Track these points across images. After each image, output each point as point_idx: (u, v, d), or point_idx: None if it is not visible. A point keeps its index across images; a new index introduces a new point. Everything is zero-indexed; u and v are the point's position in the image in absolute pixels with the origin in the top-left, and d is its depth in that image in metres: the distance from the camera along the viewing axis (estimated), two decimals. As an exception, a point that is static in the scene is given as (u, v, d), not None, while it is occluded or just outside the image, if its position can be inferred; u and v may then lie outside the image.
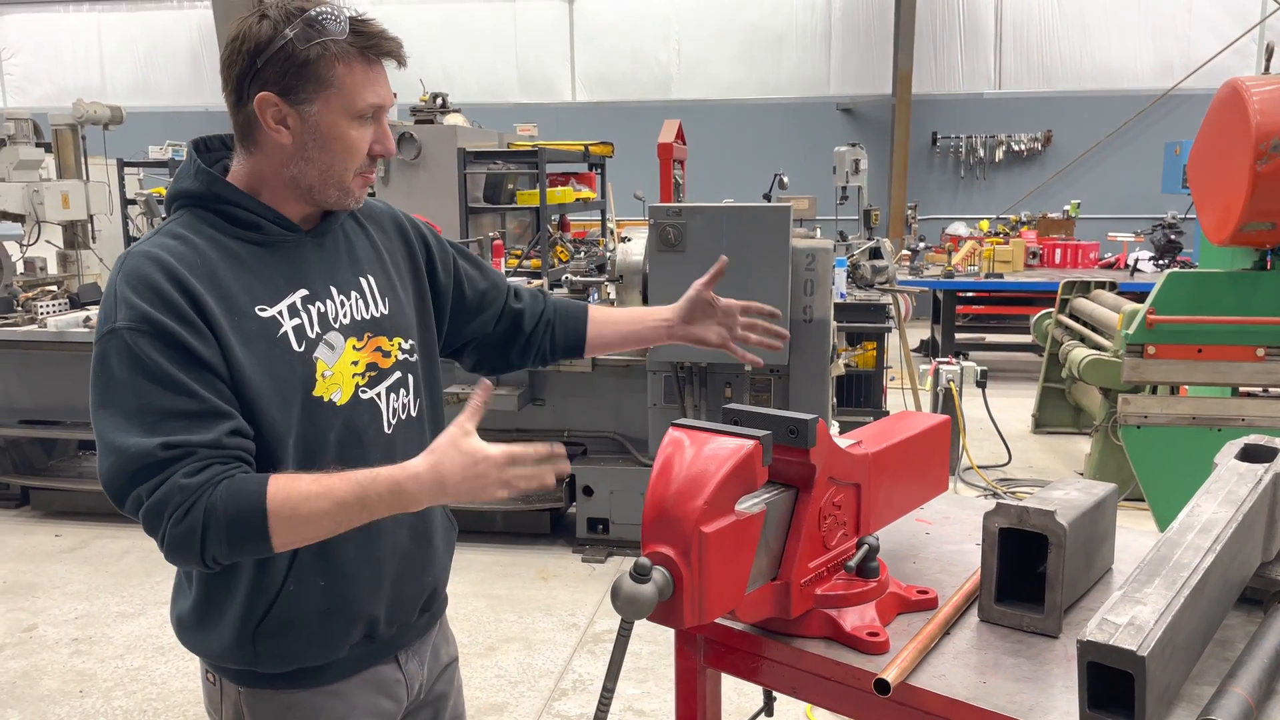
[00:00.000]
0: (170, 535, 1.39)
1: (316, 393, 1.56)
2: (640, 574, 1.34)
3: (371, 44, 1.54)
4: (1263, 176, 3.79)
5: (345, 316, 1.62)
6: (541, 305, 2.03)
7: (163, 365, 1.42)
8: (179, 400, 1.41)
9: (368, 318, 1.66)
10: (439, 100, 9.20)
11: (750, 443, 1.45)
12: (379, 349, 1.67)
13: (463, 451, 1.43)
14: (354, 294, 1.65)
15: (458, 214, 6.41)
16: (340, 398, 1.59)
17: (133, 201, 11.31)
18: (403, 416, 1.70)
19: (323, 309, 1.60)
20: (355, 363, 1.62)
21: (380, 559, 1.65)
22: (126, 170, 11.36)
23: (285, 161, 1.55)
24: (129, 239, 11.51)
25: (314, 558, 1.57)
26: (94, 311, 5.70)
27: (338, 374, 1.59)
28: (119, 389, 1.42)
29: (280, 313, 1.55)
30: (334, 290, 1.63)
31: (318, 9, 1.51)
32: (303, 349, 1.56)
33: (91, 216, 8.99)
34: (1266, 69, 4.39)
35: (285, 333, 1.54)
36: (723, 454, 1.44)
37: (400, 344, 1.70)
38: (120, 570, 4.95)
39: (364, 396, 1.63)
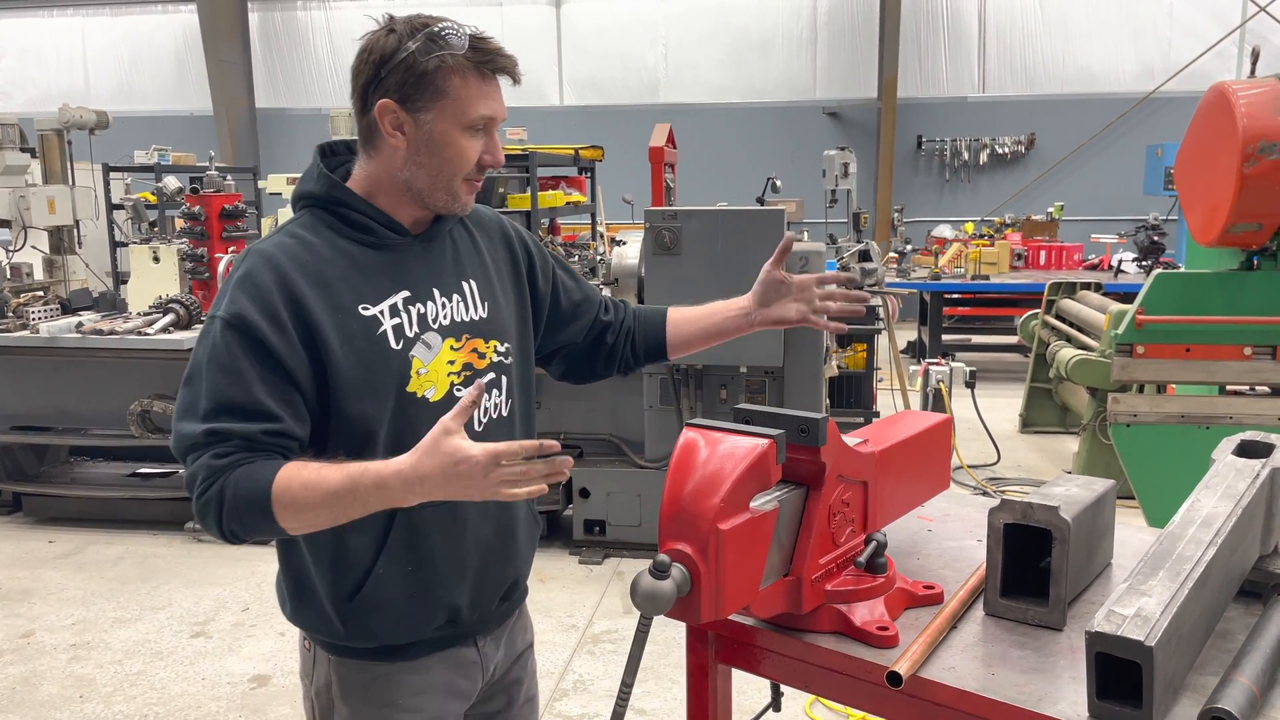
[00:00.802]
0: (197, 506, 1.53)
1: (410, 389, 1.66)
2: (659, 571, 1.37)
3: (487, 59, 1.63)
4: (1250, 178, 3.84)
5: (445, 318, 1.72)
6: (622, 315, 2.09)
7: (238, 360, 1.54)
8: (237, 394, 1.53)
9: (466, 320, 1.75)
10: (428, 104, 9.20)
11: (765, 441, 1.48)
12: (475, 350, 1.75)
13: (442, 452, 1.44)
14: (455, 297, 1.75)
15: (449, 218, 6.42)
16: (434, 394, 1.68)
17: (119, 206, 11.25)
18: (494, 416, 1.78)
19: (422, 310, 1.69)
20: (451, 362, 1.72)
21: (465, 550, 1.74)
22: (112, 175, 11.31)
23: (399, 166, 1.65)
24: (115, 244, 11.45)
25: (403, 545, 1.67)
26: (85, 317, 5.70)
27: (433, 372, 1.69)
28: (199, 371, 1.57)
29: (382, 312, 1.65)
30: (436, 293, 1.72)
31: (441, 25, 1.61)
32: (400, 347, 1.65)
33: (78, 221, 8.94)
34: (1253, 72, 4.45)
35: (384, 331, 1.64)
36: (738, 453, 1.47)
37: (496, 346, 1.79)
38: (115, 576, 4.94)
39: (458, 395, 1.70)
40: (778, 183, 6.18)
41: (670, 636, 3.62)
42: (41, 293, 6.57)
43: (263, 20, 16.26)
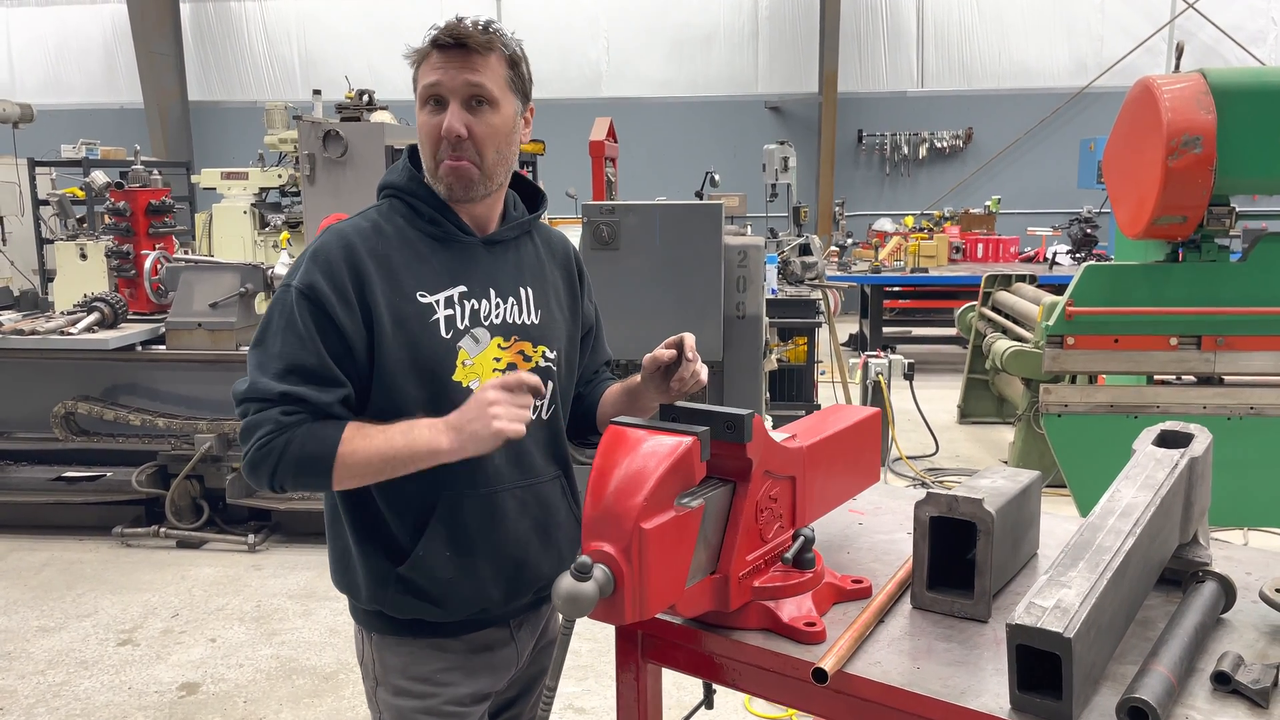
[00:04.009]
0: (253, 453, 1.63)
1: (456, 378, 1.75)
2: (581, 572, 1.35)
3: (438, 35, 1.70)
4: (1174, 172, 3.91)
5: (496, 317, 1.81)
6: (594, 392, 2.08)
7: (309, 326, 1.66)
8: (308, 358, 1.65)
9: (517, 323, 1.84)
10: (365, 97, 9.06)
11: (689, 439, 1.46)
12: (521, 353, 1.84)
13: (475, 399, 1.63)
14: (510, 299, 1.84)
15: (386, 213, 6.32)
16: (479, 387, 1.74)
17: (45, 202, 10.92)
18: (533, 417, 1.81)
19: (476, 306, 1.79)
20: (497, 359, 1.81)
21: (502, 542, 1.81)
22: (38, 170, 10.97)
23: None
24: (42, 241, 11.10)
25: (444, 530, 1.76)
26: (6, 316, 5.52)
27: (479, 365, 1.78)
28: (272, 334, 1.68)
29: (437, 301, 1.75)
30: (492, 292, 1.81)
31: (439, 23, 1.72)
32: (449, 337, 1.75)
33: (1, 218, 8.68)
34: (1177, 67, 4.54)
35: (437, 319, 1.74)
36: (662, 451, 1.45)
37: (544, 352, 1.88)
38: (39, 583, 4.78)
39: None
40: (716, 177, 6.19)
41: (611, 634, 3.59)
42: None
43: (195, 12, 15.89)
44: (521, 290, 1.86)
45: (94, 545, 5.23)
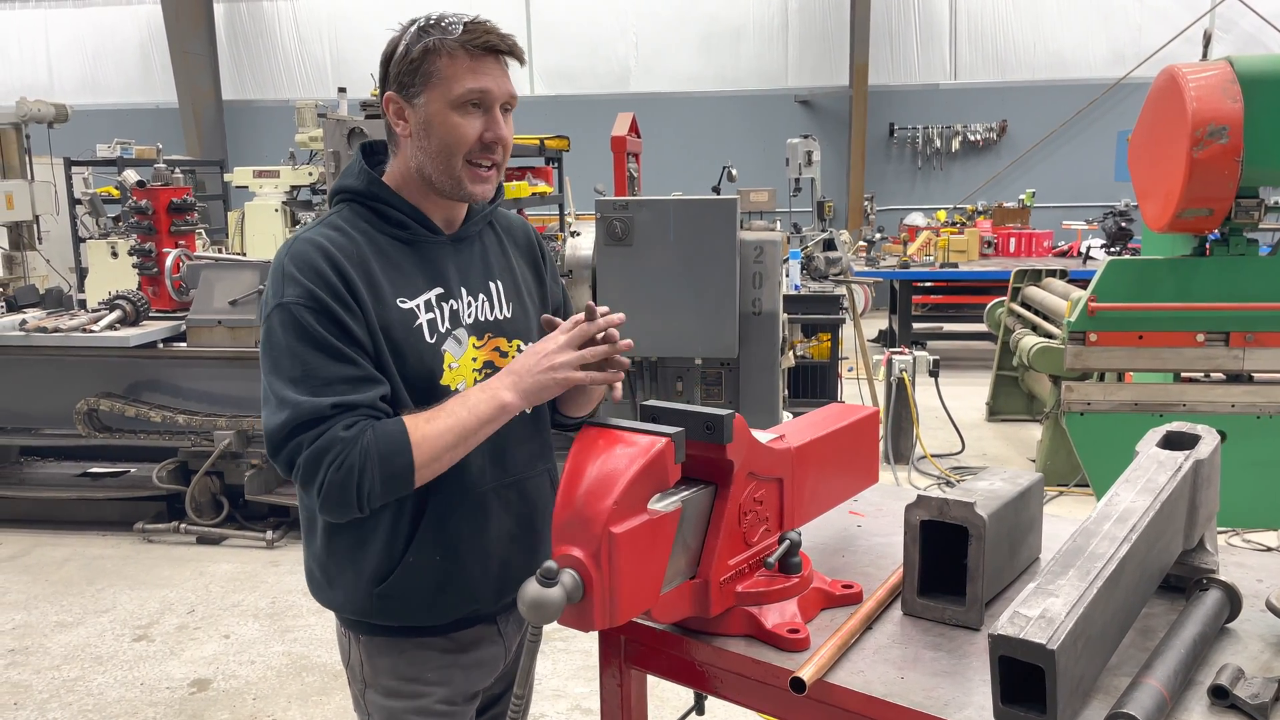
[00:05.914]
0: (329, 481, 1.54)
1: (444, 382, 1.73)
2: (546, 578, 1.31)
3: (474, 37, 1.67)
4: (1199, 163, 3.80)
5: (470, 316, 1.79)
6: None
7: (326, 336, 1.60)
8: (342, 368, 1.59)
9: (490, 319, 1.82)
10: (390, 94, 9.07)
11: (661, 440, 1.42)
12: (497, 349, 1.82)
13: (533, 350, 1.65)
14: (481, 296, 1.81)
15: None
16: (464, 389, 1.74)
17: (79, 201, 11.07)
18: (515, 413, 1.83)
19: (454, 307, 1.76)
20: (475, 359, 1.79)
21: (489, 541, 1.79)
22: (74, 169, 11.13)
23: (410, 154, 1.71)
24: (77, 239, 11.27)
25: (433, 534, 1.73)
26: (31, 314, 5.57)
27: (462, 366, 1.76)
28: (287, 355, 1.60)
29: (417, 306, 1.71)
30: (464, 291, 1.79)
31: (438, 15, 1.69)
32: (434, 341, 1.72)
33: (37, 217, 8.79)
34: (1204, 56, 4.41)
35: (420, 325, 1.71)
36: (633, 452, 1.40)
37: (519, 346, 1.85)
38: (60, 579, 4.82)
39: None
40: (734, 171, 6.11)
41: (619, 634, 3.56)
42: (1, 289, 6.43)
43: (228, 11, 16.06)
44: (491, 285, 1.83)
45: (116, 541, 5.28)
